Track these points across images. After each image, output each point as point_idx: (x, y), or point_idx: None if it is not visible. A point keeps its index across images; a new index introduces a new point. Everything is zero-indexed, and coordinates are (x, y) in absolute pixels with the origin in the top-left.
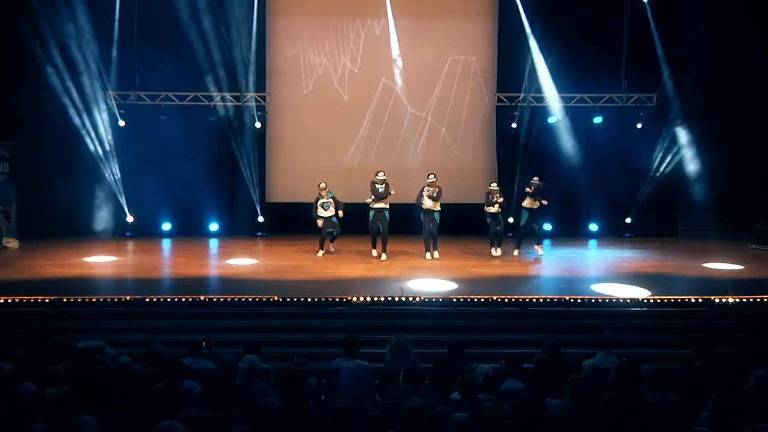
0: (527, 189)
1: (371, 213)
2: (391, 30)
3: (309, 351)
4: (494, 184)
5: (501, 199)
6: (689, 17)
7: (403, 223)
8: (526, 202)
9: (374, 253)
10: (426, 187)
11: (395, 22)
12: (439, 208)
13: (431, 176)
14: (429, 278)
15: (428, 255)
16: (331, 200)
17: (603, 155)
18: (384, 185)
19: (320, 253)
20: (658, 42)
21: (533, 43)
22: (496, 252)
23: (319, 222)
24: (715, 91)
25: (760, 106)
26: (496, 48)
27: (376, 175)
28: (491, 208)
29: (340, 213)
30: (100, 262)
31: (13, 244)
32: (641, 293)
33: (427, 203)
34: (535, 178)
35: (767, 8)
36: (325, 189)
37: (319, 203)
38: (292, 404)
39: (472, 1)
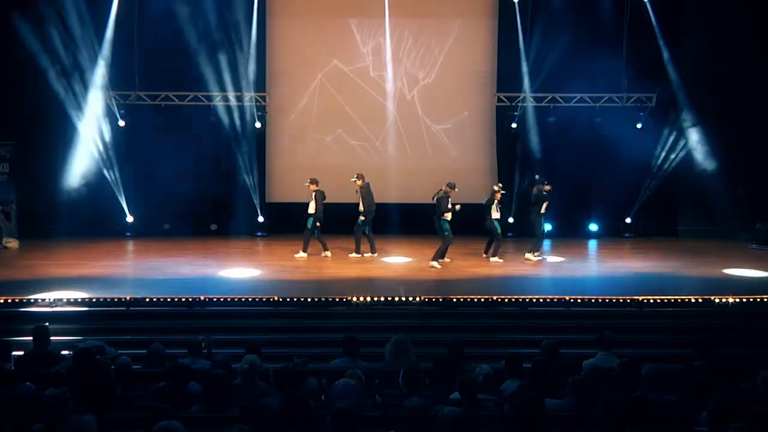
0: (545, 190)
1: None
2: (390, 30)
3: (309, 351)
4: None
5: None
6: (689, 17)
7: (408, 224)
8: (543, 208)
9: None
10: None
11: (395, 22)
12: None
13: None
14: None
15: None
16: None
17: (603, 155)
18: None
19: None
20: (659, 41)
21: (533, 44)
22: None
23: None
24: (714, 91)
25: (760, 106)
26: (496, 48)
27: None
28: (495, 213)
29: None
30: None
31: (13, 244)
32: (641, 294)
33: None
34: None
35: (767, 8)
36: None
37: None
38: (292, 404)
39: (472, 1)
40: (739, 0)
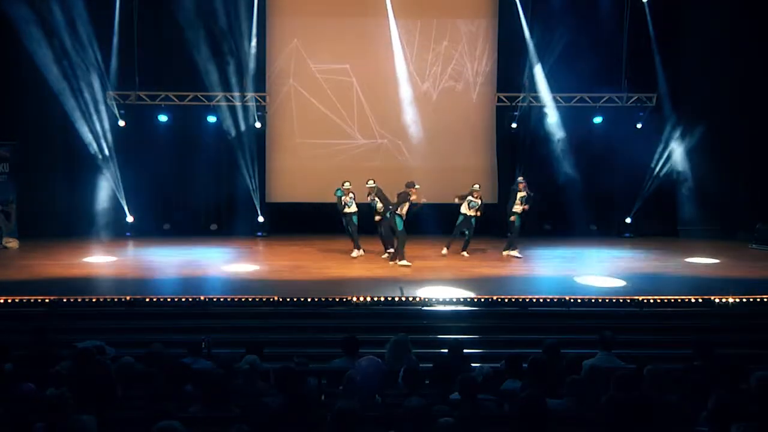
0: (520, 192)
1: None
2: (391, 30)
3: (309, 351)
4: (476, 185)
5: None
6: (688, 17)
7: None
8: (519, 207)
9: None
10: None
11: (396, 22)
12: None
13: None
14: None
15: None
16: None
17: (603, 155)
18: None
19: (356, 253)
20: (658, 42)
21: (533, 44)
22: (445, 252)
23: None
24: (714, 90)
25: (760, 105)
26: (496, 48)
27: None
28: (471, 210)
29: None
30: (100, 262)
31: (13, 244)
32: (641, 294)
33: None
34: (520, 178)
35: (766, 8)
36: (349, 188)
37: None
38: (292, 404)
39: (472, 1)
40: (739, 0)
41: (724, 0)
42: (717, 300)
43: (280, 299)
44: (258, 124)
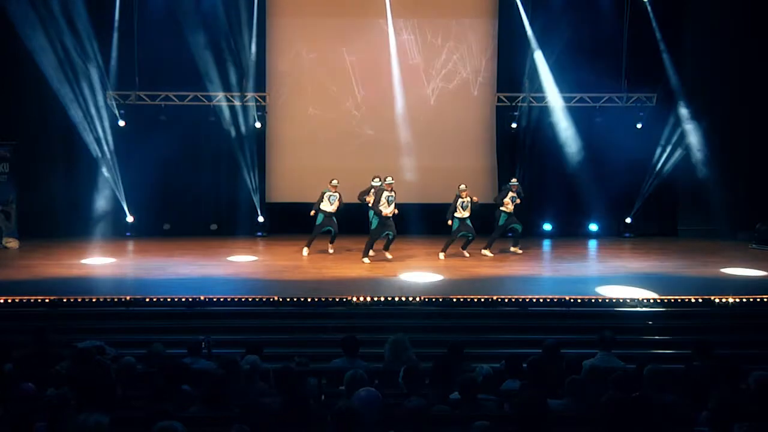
0: (512, 192)
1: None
2: (391, 30)
3: (309, 351)
4: (462, 186)
5: (474, 199)
6: (690, 16)
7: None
8: (509, 207)
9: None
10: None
11: (395, 22)
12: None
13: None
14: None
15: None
16: (338, 195)
17: (603, 155)
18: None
19: (306, 252)
20: (659, 41)
21: (533, 43)
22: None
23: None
24: (715, 90)
25: (761, 106)
26: (496, 48)
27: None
28: (463, 212)
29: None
30: (100, 263)
31: (13, 244)
32: (642, 294)
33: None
34: (514, 180)
35: (767, 6)
36: (336, 186)
37: (325, 196)
38: (292, 404)
39: (472, 1)
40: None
41: None
42: (717, 300)
43: (280, 299)
44: (258, 124)
